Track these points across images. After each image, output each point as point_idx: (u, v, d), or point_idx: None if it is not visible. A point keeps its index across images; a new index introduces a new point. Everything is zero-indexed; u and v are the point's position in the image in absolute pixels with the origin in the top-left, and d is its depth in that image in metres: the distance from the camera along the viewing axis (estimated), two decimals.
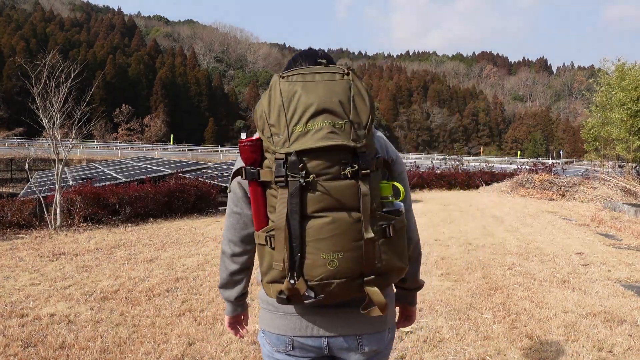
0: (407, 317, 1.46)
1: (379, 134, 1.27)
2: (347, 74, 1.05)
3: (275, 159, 1.02)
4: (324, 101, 1.00)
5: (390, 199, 1.10)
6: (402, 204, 1.12)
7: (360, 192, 1.01)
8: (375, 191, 1.05)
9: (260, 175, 1.06)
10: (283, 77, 1.05)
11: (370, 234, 1.01)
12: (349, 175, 1.00)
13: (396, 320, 1.42)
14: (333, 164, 1.00)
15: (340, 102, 1.00)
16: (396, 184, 1.13)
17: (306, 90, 1.01)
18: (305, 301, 1.04)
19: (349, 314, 1.19)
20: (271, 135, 1.03)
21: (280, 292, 1.06)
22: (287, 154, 1.00)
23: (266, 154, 1.06)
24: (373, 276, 1.05)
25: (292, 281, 1.03)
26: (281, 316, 1.23)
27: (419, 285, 1.40)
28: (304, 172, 0.99)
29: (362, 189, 1.01)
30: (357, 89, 1.03)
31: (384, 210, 1.07)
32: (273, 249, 1.05)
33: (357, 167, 1.00)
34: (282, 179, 1.00)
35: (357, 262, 1.02)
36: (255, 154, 1.09)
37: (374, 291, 1.06)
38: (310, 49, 1.35)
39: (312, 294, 1.03)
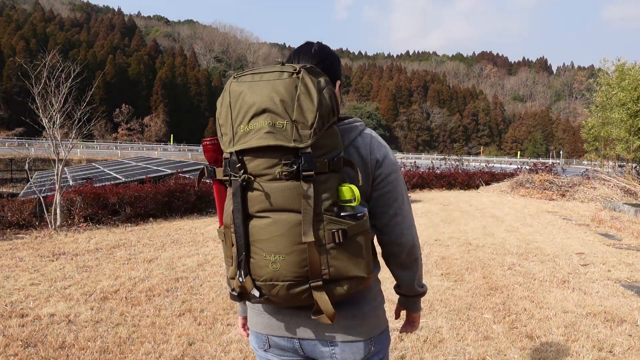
0: (410, 323, 1.42)
1: (368, 132, 1.21)
2: (298, 72, 1.00)
3: (224, 158, 1.05)
4: (265, 101, 0.98)
5: (354, 202, 1.03)
6: (364, 209, 1.05)
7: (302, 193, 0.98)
8: (327, 193, 1.00)
9: (216, 173, 1.10)
10: (235, 78, 1.06)
11: (310, 238, 0.97)
12: (279, 176, 0.98)
13: (396, 322, 1.41)
14: (274, 164, 0.98)
15: (281, 101, 0.97)
16: (352, 187, 1.02)
17: (251, 90, 1.00)
18: (251, 300, 1.08)
19: (343, 309, 1.16)
20: (221, 135, 1.05)
21: (233, 289, 1.10)
22: (231, 154, 1.02)
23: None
24: (320, 282, 1.01)
25: (240, 279, 1.05)
26: (257, 314, 1.25)
27: (418, 292, 1.32)
28: (242, 171, 1.00)
29: (304, 191, 0.97)
30: (305, 88, 0.98)
31: (342, 214, 1.01)
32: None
33: (294, 168, 0.96)
34: (228, 178, 1.03)
35: (299, 265, 1.00)
36: (216, 153, 1.13)
37: (321, 298, 1.02)
38: (306, 43, 1.30)
39: (257, 293, 1.05)
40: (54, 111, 7.31)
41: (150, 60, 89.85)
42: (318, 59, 1.24)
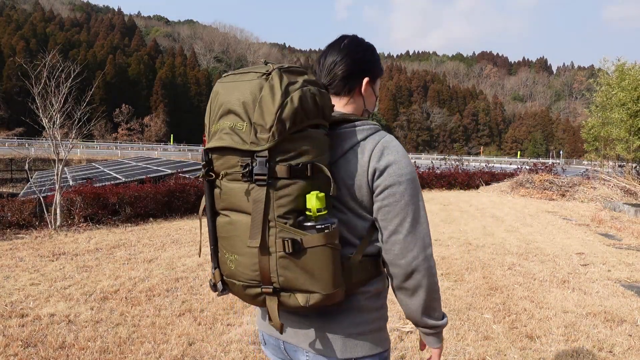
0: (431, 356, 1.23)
1: (376, 136, 1.11)
2: (269, 74, 0.97)
3: None
4: (231, 101, 0.98)
5: (323, 211, 0.96)
6: (330, 221, 0.97)
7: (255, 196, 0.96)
8: (283, 199, 0.95)
9: None
10: (221, 78, 1.08)
11: (254, 243, 0.96)
12: (233, 177, 0.99)
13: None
14: (233, 165, 0.98)
15: (244, 102, 0.96)
16: (313, 196, 0.95)
17: (224, 90, 1.01)
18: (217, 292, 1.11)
19: (301, 323, 1.13)
20: (204, 132, 1.09)
21: (211, 279, 1.13)
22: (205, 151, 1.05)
23: None
24: (270, 289, 0.99)
25: (213, 270, 1.11)
26: (259, 309, 1.26)
27: (427, 325, 1.13)
28: (206, 169, 1.03)
29: (254, 194, 0.95)
30: (270, 90, 0.94)
31: (305, 224, 0.96)
32: None
33: (247, 170, 0.95)
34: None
35: (250, 269, 0.99)
36: None
37: (270, 305, 1.02)
38: (340, 37, 1.24)
39: (220, 287, 1.09)
40: (54, 111, 7.30)
41: (150, 60, 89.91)
42: (345, 52, 1.19)
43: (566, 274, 4.89)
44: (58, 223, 7.03)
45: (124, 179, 11.78)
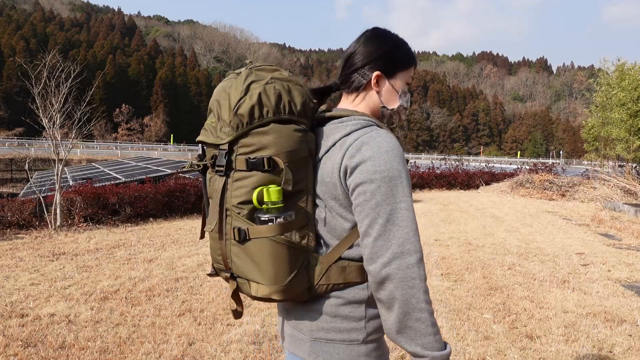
0: None
1: (359, 133, 1.03)
2: (239, 73, 1.05)
3: None
4: (212, 101, 1.07)
5: (279, 204, 0.97)
6: (276, 215, 0.97)
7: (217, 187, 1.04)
8: (239, 190, 0.98)
9: None
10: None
11: (208, 228, 1.05)
12: (195, 169, 1.09)
13: None
14: (210, 157, 1.06)
15: (217, 101, 1.04)
16: (262, 189, 0.97)
17: (215, 91, 1.09)
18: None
19: (291, 318, 1.13)
20: None
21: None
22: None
23: None
24: (229, 273, 1.05)
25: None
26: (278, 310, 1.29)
27: (408, 351, 0.96)
28: (197, 161, 1.11)
29: (215, 184, 1.03)
30: (235, 88, 1.00)
31: (257, 215, 0.98)
32: None
33: (212, 161, 1.03)
34: None
35: (216, 252, 1.06)
36: None
37: (230, 289, 1.08)
38: (364, 30, 1.19)
39: (209, 270, 1.15)
40: (54, 111, 7.30)
41: (150, 60, 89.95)
42: (358, 46, 1.14)
43: (566, 274, 4.89)
44: (58, 223, 7.03)
45: (124, 179, 11.79)
